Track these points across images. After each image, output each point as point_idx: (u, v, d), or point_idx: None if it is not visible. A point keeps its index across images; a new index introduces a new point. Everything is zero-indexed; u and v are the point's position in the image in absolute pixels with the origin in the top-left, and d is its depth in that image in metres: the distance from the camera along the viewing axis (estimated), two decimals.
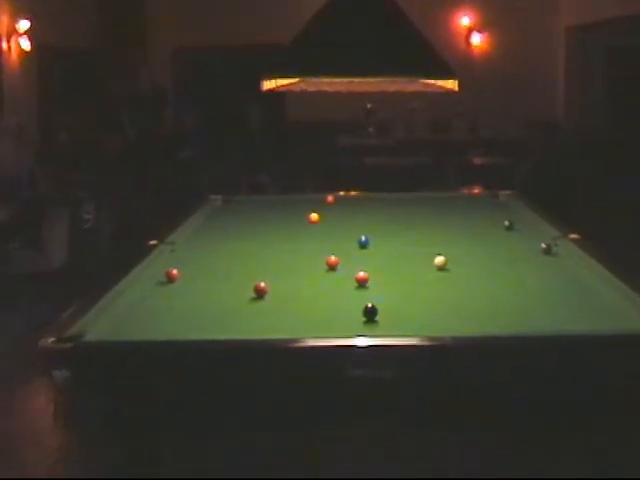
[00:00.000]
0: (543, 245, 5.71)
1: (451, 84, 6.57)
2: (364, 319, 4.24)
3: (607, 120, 15.38)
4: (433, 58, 6.51)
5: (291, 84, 6.87)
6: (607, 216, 10.54)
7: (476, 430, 4.12)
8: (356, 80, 6.71)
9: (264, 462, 4.40)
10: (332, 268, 5.34)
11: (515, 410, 3.98)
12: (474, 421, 4.05)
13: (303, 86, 6.93)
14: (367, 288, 4.89)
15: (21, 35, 12.60)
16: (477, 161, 14.10)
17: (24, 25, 12.57)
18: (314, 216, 6.88)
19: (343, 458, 4.37)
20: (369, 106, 14.81)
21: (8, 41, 12.45)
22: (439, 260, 5.32)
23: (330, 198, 7.87)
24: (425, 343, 3.90)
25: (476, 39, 16.03)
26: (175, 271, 5.11)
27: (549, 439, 4.16)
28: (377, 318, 4.24)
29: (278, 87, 6.81)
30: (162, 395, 3.99)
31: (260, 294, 4.71)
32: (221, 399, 3.96)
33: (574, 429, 4.07)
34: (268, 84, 6.66)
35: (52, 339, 3.93)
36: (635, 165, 12.01)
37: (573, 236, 5.93)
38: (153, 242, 5.87)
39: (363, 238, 5.95)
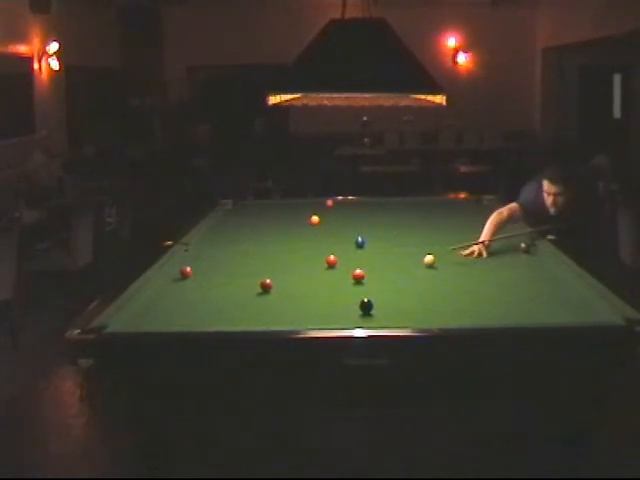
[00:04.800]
0: (523, 245, 5.69)
1: (439, 99, 6.54)
2: (360, 312, 4.22)
3: (578, 131, 15.47)
4: (423, 75, 6.48)
5: (294, 99, 6.84)
6: None
7: (462, 412, 4.11)
8: (353, 95, 6.68)
9: (269, 441, 4.39)
10: (331, 266, 5.32)
11: (498, 393, 3.96)
12: (461, 404, 4.04)
13: (305, 101, 6.89)
14: (363, 284, 4.87)
15: (51, 56, 12.59)
16: (462, 169, 14.07)
17: (54, 47, 12.57)
18: (315, 219, 6.85)
19: (342, 439, 4.36)
20: (365, 119, 14.80)
21: (39, 62, 12.45)
22: (428, 259, 5.30)
23: (329, 202, 7.84)
24: (416, 334, 3.89)
25: (461, 58, 16.08)
26: (189, 269, 5.09)
27: (528, 418, 4.16)
28: (372, 312, 4.22)
29: (282, 102, 6.78)
30: (177, 381, 3.98)
31: (266, 289, 4.69)
32: (230, 385, 3.94)
33: (547, 409, 4.08)
34: (273, 99, 6.63)
35: (78, 331, 3.93)
36: None
37: (550, 237, 5.91)
38: (169, 243, 5.85)
39: (360, 239, 5.93)
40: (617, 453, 5.15)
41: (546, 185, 5.98)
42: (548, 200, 5.99)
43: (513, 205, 6.17)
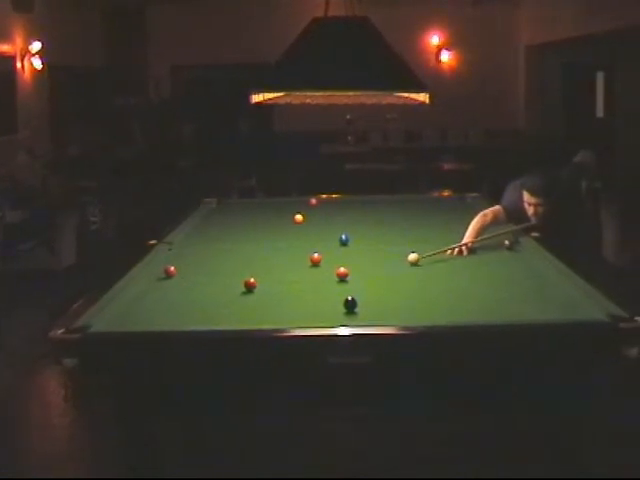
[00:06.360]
0: (506, 242, 5.70)
1: (423, 97, 6.53)
2: (345, 310, 4.21)
3: (562, 128, 15.52)
4: (406, 73, 6.48)
5: (277, 98, 6.82)
6: None
7: (446, 411, 4.11)
8: (337, 93, 6.67)
9: (253, 443, 4.38)
10: (315, 264, 5.31)
11: (483, 391, 3.96)
12: (445, 402, 4.03)
13: (288, 99, 6.87)
14: (347, 282, 4.87)
15: (33, 55, 12.58)
16: (446, 167, 14.08)
17: (36, 46, 12.55)
18: (299, 217, 6.85)
19: (327, 440, 4.35)
20: (348, 117, 14.82)
21: (22, 61, 12.42)
22: (412, 257, 5.30)
23: (313, 201, 7.83)
24: (400, 332, 3.88)
25: (445, 56, 16.09)
26: (173, 268, 5.08)
27: (512, 416, 4.16)
28: (356, 309, 4.21)
29: (266, 101, 6.77)
30: (161, 381, 3.97)
31: (250, 288, 4.68)
32: (214, 385, 3.93)
33: (532, 406, 4.08)
34: (257, 98, 6.62)
35: (62, 330, 3.91)
36: None
37: (533, 234, 5.92)
38: (153, 242, 5.84)
39: (343, 237, 5.93)
40: (603, 450, 5.17)
41: (526, 196, 5.99)
42: (529, 210, 6.00)
43: (497, 208, 6.18)
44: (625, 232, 8.92)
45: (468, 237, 5.75)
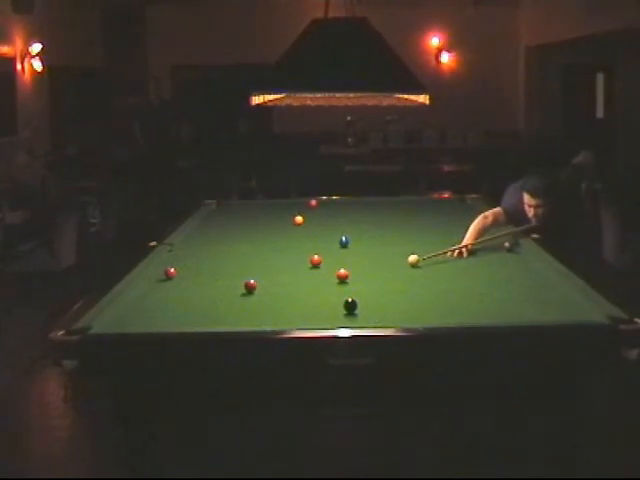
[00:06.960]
0: (506, 244, 5.70)
1: (422, 98, 6.55)
2: (345, 312, 4.22)
3: (562, 128, 15.53)
4: (406, 75, 6.49)
5: (277, 99, 6.84)
6: None
7: (448, 411, 4.12)
8: (337, 95, 6.68)
9: (253, 444, 4.38)
10: (315, 266, 5.32)
11: (483, 392, 3.97)
12: (447, 403, 4.04)
13: (288, 101, 6.89)
14: (347, 284, 4.87)
15: (33, 57, 12.57)
16: (446, 168, 14.07)
17: (36, 48, 12.54)
18: (299, 219, 6.86)
19: (326, 440, 4.36)
20: (348, 119, 14.81)
21: (22, 63, 12.42)
22: (412, 258, 5.31)
23: (313, 202, 7.83)
24: (400, 334, 3.89)
25: (445, 58, 16.07)
26: (173, 269, 5.08)
27: (511, 417, 4.17)
28: (357, 311, 4.22)
29: (266, 102, 6.78)
30: (160, 382, 3.97)
31: (250, 290, 4.68)
32: (214, 386, 3.94)
33: (532, 408, 4.09)
34: (257, 99, 6.63)
35: (62, 332, 3.91)
36: None
37: (533, 235, 5.93)
38: (153, 243, 5.84)
39: (344, 238, 5.93)
40: (603, 450, 5.18)
41: (526, 198, 5.99)
42: (529, 212, 6.00)
43: (497, 210, 6.18)
44: (625, 233, 8.92)
45: (468, 239, 5.76)
